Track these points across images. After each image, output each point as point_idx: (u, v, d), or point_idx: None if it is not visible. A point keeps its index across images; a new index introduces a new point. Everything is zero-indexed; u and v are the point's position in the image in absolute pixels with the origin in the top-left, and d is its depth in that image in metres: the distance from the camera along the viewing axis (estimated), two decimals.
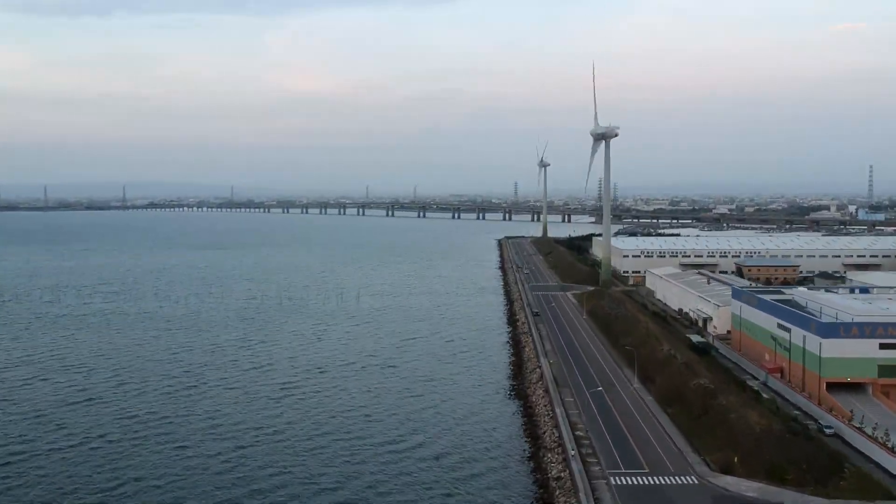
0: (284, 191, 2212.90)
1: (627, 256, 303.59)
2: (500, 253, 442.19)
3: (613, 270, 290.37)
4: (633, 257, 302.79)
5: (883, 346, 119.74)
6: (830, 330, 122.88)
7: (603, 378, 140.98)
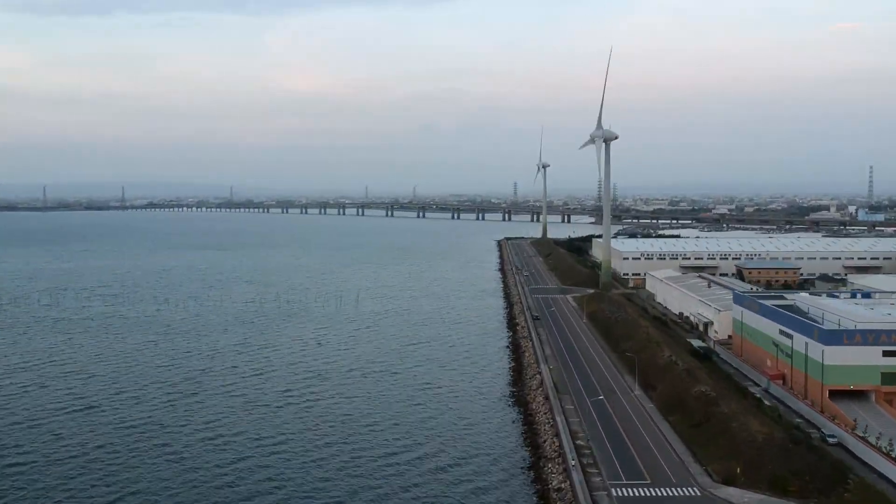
0: (284, 190, 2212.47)
1: (627, 259, 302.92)
2: (499, 254, 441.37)
3: (613, 273, 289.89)
4: (633, 259, 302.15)
5: (886, 354, 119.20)
6: (833, 337, 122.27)
7: (603, 385, 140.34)
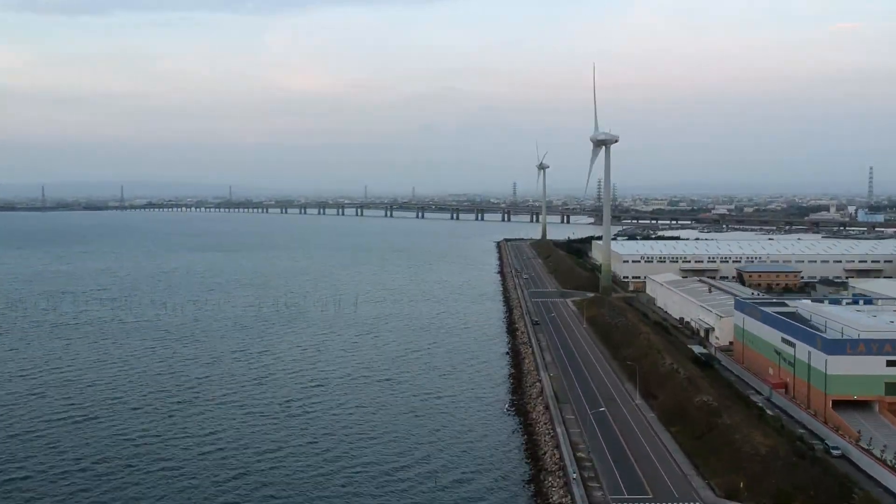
0: (283, 190, 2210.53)
1: (627, 262, 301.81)
2: (499, 256, 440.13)
3: (613, 275, 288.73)
4: (633, 262, 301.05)
5: (890, 364, 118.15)
6: (836, 347, 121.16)
7: (604, 393, 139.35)
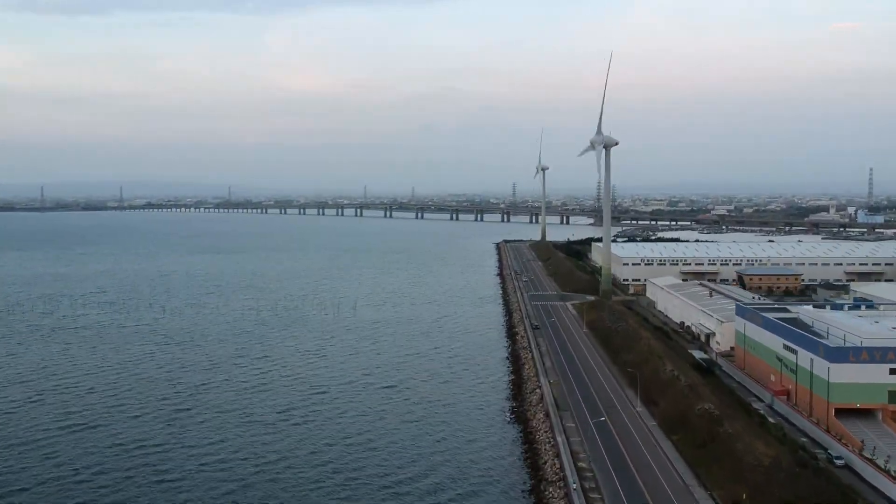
0: (282, 190, 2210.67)
1: (627, 264, 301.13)
2: (498, 258, 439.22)
3: (613, 278, 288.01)
4: (633, 265, 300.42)
5: (893, 372, 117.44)
6: (839, 354, 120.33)
7: (605, 399, 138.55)
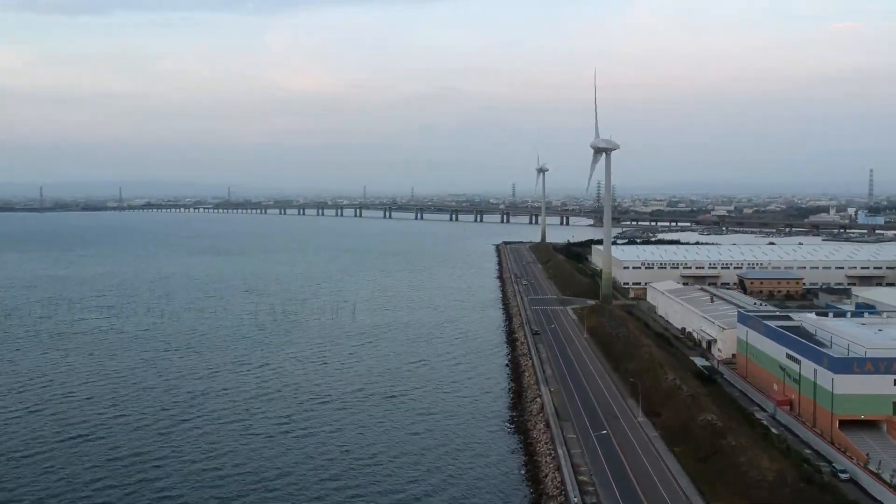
0: (282, 190, 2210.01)
1: (628, 268, 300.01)
2: (498, 260, 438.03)
3: (613, 282, 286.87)
4: (633, 269, 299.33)
5: None
6: (843, 365, 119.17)
7: (606, 409, 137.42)
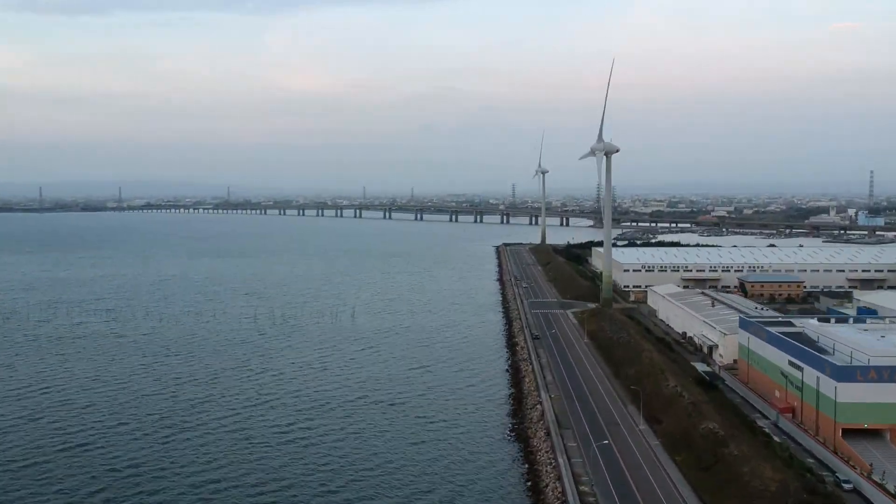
0: (282, 190, 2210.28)
1: (628, 271, 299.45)
2: (498, 262, 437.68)
3: (614, 285, 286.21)
4: (633, 272, 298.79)
5: None
6: (847, 374, 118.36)
7: (606, 416, 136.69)
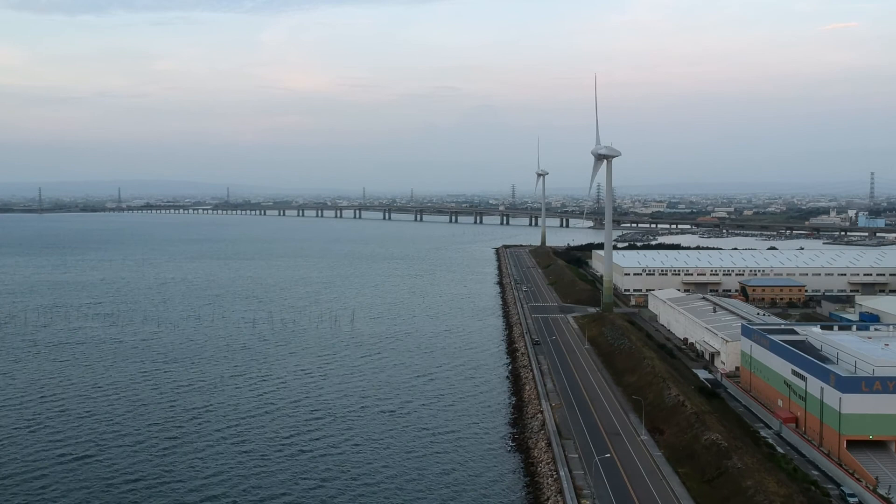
0: (281, 189, 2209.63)
1: (629, 274, 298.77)
2: (497, 265, 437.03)
3: (614, 288, 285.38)
4: (634, 275, 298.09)
5: None
6: (851, 385, 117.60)
7: (608, 426, 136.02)
